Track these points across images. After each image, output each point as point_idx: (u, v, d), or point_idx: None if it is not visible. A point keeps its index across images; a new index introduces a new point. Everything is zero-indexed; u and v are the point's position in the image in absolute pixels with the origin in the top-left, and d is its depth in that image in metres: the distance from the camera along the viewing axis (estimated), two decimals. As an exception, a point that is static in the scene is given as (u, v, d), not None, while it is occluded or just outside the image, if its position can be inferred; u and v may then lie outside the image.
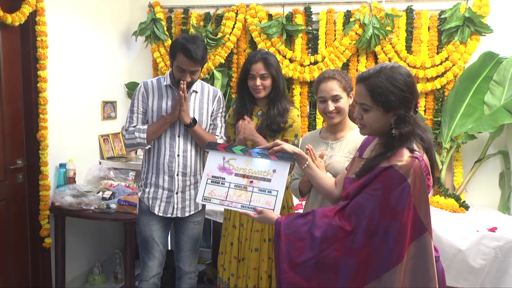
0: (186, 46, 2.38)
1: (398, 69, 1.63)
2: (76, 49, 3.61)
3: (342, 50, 3.75)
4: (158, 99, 2.57)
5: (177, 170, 2.57)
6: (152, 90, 2.59)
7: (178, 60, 2.43)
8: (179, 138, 2.58)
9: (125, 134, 2.59)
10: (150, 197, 2.60)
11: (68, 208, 3.24)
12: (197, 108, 2.60)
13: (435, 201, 3.43)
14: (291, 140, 2.49)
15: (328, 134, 2.28)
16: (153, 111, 2.57)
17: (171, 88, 2.59)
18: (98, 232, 3.99)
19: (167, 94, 2.58)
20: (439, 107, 3.65)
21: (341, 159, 2.15)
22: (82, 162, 3.65)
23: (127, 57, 4.37)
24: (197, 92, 2.62)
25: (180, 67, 2.44)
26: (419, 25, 3.66)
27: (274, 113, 2.46)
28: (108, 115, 4.05)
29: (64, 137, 3.49)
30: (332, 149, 2.22)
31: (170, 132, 2.57)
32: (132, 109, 2.60)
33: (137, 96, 2.59)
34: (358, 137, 2.12)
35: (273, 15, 3.93)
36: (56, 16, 3.33)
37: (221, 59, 4.02)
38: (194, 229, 2.70)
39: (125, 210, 3.20)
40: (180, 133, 2.58)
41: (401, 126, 1.59)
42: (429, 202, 3.14)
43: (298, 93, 3.92)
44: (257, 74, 2.46)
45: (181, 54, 2.40)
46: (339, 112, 2.16)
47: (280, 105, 2.48)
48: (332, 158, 2.18)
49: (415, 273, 1.55)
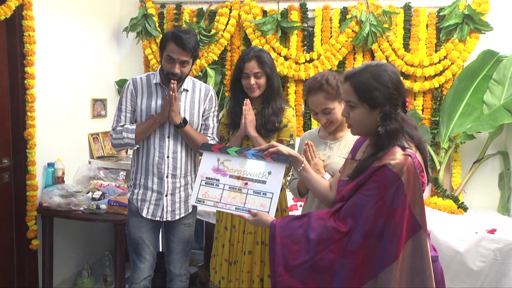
0: (177, 34, 2.36)
1: (384, 67, 1.67)
2: (65, 45, 3.58)
3: (338, 47, 3.75)
4: (147, 98, 2.53)
5: (167, 172, 2.54)
6: (142, 88, 2.55)
7: (168, 48, 2.39)
8: (169, 139, 2.54)
9: (112, 133, 2.55)
10: (139, 199, 2.58)
11: (57, 208, 3.21)
12: (188, 108, 2.56)
13: (433, 202, 3.44)
14: (286, 140, 2.49)
15: (327, 134, 2.27)
16: (142, 110, 2.53)
17: (161, 87, 2.55)
18: (87, 233, 3.96)
19: (156, 92, 2.54)
20: (437, 107, 3.66)
21: (340, 159, 2.14)
22: (71, 161, 3.63)
23: (118, 53, 4.35)
24: (188, 91, 2.58)
25: (170, 55, 2.40)
26: (417, 22, 3.66)
27: (269, 112, 2.45)
28: (98, 113, 4.04)
29: (52, 136, 3.46)
30: (331, 149, 2.22)
31: (159, 133, 2.54)
32: (120, 107, 2.56)
33: (125, 94, 2.55)
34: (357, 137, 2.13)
35: (268, 12, 3.93)
36: (44, 10, 3.30)
37: (215, 56, 4.01)
38: (185, 231, 2.67)
39: (116, 211, 3.18)
40: (170, 133, 2.54)
41: (386, 123, 1.61)
42: (426, 203, 3.28)
43: (293, 92, 3.92)
44: (251, 73, 2.44)
45: (171, 42, 2.37)
46: (332, 122, 2.17)
47: (275, 104, 2.48)
48: (330, 158, 2.18)
49: (412, 271, 1.56)
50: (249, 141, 2.51)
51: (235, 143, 2.51)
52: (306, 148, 2.12)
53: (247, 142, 2.53)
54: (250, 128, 2.43)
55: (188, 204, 2.63)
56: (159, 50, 2.49)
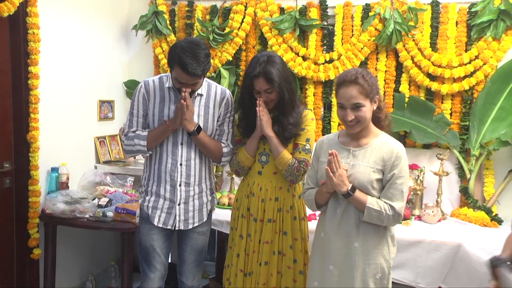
0: (183, 61, 2.27)
1: None
2: (71, 43, 3.57)
3: (360, 47, 3.69)
4: (159, 102, 2.52)
5: (180, 180, 2.53)
6: (154, 92, 2.52)
7: (176, 72, 2.36)
8: (182, 146, 2.52)
9: (124, 139, 2.56)
10: (150, 206, 2.57)
11: (60, 216, 3.18)
12: (202, 113, 2.53)
13: (463, 213, 3.36)
14: (302, 144, 2.48)
15: (349, 140, 2.21)
16: (154, 115, 2.52)
17: (174, 91, 2.52)
18: (93, 242, 3.94)
19: (169, 97, 2.52)
20: (467, 110, 3.56)
21: (366, 169, 2.09)
22: (76, 166, 3.62)
23: (126, 53, 4.34)
24: (202, 95, 2.55)
25: (178, 79, 2.38)
26: (445, 19, 3.56)
27: (288, 122, 2.45)
28: (105, 115, 4.01)
29: (56, 139, 3.44)
30: (355, 157, 2.15)
31: (172, 139, 2.52)
32: (132, 112, 2.56)
33: (137, 98, 2.54)
34: (384, 146, 2.12)
35: (286, 9, 3.88)
36: (49, 7, 3.28)
37: (229, 56, 3.98)
38: (199, 240, 2.65)
39: (123, 219, 3.14)
40: (183, 140, 2.53)
41: None
42: (456, 214, 3.42)
43: (312, 94, 3.87)
44: (262, 90, 2.42)
45: (178, 67, 2.31)
46: (359, 122, 2.09)
47: (294, 114, 2.48)
48: (355, 167, 2.12)
49: None
50: (266, 144, 2.52)
51: (252, 144, 2.52)
52: (331, 158, 2.03)
53: (264, 146, 2.54)
54: (268, 128, 2.44)
55: (202, 212, 2.62)
56: (168, 64, 2.46)
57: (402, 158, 2.08)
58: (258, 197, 2.52)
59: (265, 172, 2.54)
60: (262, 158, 2.54)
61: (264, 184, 2.54)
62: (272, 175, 2.53)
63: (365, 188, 2.07)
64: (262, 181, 2.54)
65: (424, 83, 3.55)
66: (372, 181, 2.07)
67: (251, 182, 2.58)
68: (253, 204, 2.53)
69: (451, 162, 3.56)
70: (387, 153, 2.08)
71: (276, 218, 2.51)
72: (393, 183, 2.06)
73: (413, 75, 3.56)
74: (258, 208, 2.52)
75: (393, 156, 2.07)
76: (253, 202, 2.53)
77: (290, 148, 2.50)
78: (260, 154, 2.54)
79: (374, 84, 2.09)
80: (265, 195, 2.52)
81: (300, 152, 2.48)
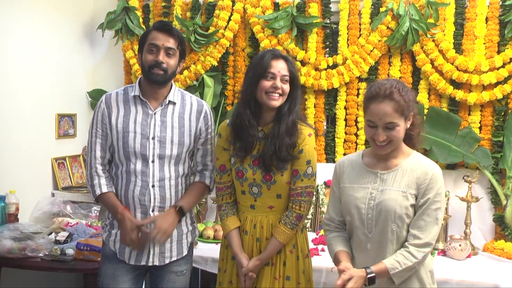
0: (157, 23, 2.38)
1: None
2: (24, 47, 3.50)
3: (370, 49, 3.62)
4: (124, 116, 2.45)
5: (153, 205, 2.40)
6: (117, 104, 2.47)
7: (150, 38, 2.35)
8: (153, 164, 2.41)
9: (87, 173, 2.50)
10: (118, 240, 2.42)
11: (6, 255, 2.98)
12: (177, 125, 2.45)
13: (498, 247, 3.21)
14: (302, 169, 2.34)
15: (376, 161, 2.17)
16: (118, 131, 2.43)
17: (141, 100, 2.45)
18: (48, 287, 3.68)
19: (135, 106, 2.45)
20: (501, 123, 3.47)
21: (398, 195, 2.05)
22: (28, 193, 3.53)
23: (91, 57, 4.29)
24: (175, 104, 2.47)
25: (153, 43, 2.33)
26: (473, 15, 3.47)
27: (281, 131, 2.30)
28: (64, 132, 3.95)
29: (4, 161, 3.36)
30: (383, 181, 2.12)
31: (141, 156, 2.40)
32: (91, 132, 2.50)
33: (96, 115, 2.49)
34: (417, 166, 2.09)
35: (280, 5, 3.82)
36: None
37: (214, 61, 3.87)
38: (177, 282, 2.50)
39: (86, 257, 2.99)
40: (154, 157, 2.41)
41: None
42: (490, 248, 3.30)
43: (312, 105, 3.81)
44: (279, 74, 2.27)
45: (153, 31, 2.35)
46: (391, 142, 2.05)
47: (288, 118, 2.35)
48: (385, 193, 2.08)
49: None
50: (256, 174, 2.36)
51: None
52: None
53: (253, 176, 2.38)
54: None
55: (182, 244, 2.50)
56: (138, 53, 2.44)
57: (438, 181, 2.05)
58: (252, 235, 2.39)
59: (259, 205, 2.39)
60: (253, 189, 2.38)
61: (258, 220, 2.40)
62: (267, 209, 2.39)
63: (399, 218, 2.03)
64: (256, 216, 2.41)
65: (446, 91, 3.43)
66: (406, 207, 2.03)
67: (242, 218, 2.44)
68: (247, 244, 2.39)
69: (481, 185, 3.45)
70: (421, 174, 2.05)
71: (275, 261, 2.36)
72: (427, 209, 2.03)
73: (433, 82, 3.46)
74: (252, 249, 2.38)
75: (428, 178, 2.04)
76: (246, 242, 2.39)
77: (286, 177, 2.34)
78: (250, 185, 2.38)
79: (411, 100, 2.05)
80: (260, 234, 2.38)
81: (302, 179, 2.33)
